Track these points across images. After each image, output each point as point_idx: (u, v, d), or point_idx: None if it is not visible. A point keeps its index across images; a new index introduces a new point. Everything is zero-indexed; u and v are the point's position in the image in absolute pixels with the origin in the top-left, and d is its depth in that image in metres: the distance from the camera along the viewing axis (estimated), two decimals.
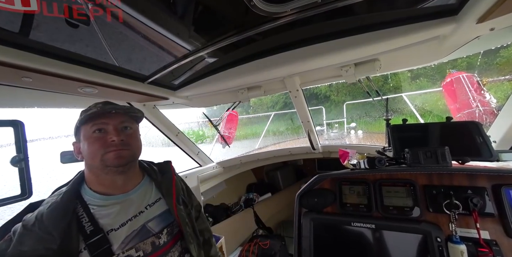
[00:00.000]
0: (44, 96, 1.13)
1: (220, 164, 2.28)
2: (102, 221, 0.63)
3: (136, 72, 1.19)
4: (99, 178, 0.68)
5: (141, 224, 0.68)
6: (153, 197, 0.75)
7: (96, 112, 0.65)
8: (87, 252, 0.58)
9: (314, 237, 0.85)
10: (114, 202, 0.67)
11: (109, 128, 0.66)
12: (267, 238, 2.15)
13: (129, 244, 0.64)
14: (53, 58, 0.90)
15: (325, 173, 0.91)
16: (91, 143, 0.65)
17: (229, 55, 1.29)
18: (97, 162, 0.64)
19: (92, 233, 0.60)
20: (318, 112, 5.00)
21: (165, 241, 0.71)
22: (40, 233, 0.54)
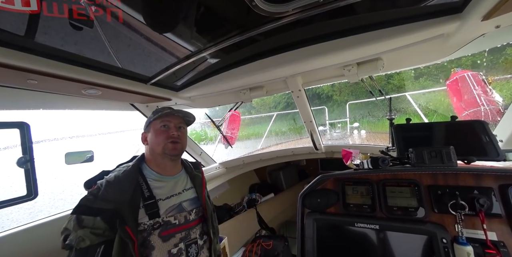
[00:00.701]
0: (49, 98, 1.15)
1: (222, 164, 2.28)
2: (156, 191, 0.84)
3: (139, 74, 1.20)
4: (156, 161, 0.90)
5: (179, 201, 0.89)
6: (188, 185, 0.97)
7: (165, 113, 0.89)
8: (144, 210, 0.78)
9: (317, 238, 0.84)
10: (164, 180, 0.89)
11: (171, 125, 0.91)
12: (270, 238, 2.15)
13: (170, 213, 0.84)
14: (58, 60, 0.91)
15: (328, 173, 0.90)
16: (158, 134, 0.88)
17: (231, 56, 1.29)
18: (160, 149, 0.87)
19: (148, 197, 0.81)
20: (321, 112, 4.98)
21: (193, 218, 0.90)
22: (118, 186, 0.77)
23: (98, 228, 0.70)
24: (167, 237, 0.80)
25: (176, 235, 0.83)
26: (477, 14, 0.75)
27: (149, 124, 0.92)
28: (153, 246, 0.77)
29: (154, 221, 0.79)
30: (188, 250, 0.84)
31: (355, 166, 0.92)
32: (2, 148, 1.09)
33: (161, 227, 0.80)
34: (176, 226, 0.84)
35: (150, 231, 0.77)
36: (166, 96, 1.37)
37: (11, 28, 0.76)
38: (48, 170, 0.99)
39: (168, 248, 0.79)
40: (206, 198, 0.99)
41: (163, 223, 0.80)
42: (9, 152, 0.98)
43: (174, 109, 0.93)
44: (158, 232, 0.79)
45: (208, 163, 2.17)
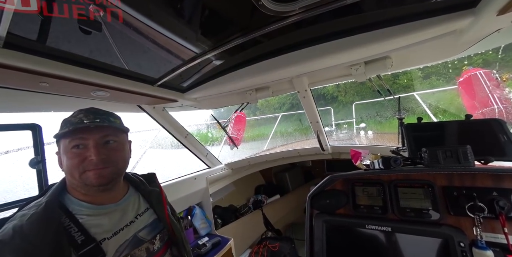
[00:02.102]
0: (59, 101, 1.17)
1: (228, 165, 2.27)
2: (94, 230, 0.61)
3: (146, 75, 1.21)
4: (82, 192, 0.64)
5: (132, 233, 0.68)
6: (142, 207, 0.75)
7: (74, 128, 0.60)
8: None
9: (326, 240, 0.82)
10: (104, 212, 0.65)
11: (89, 143, 0.61)
12: (276, 240, 2.13)
13: (124, 252, 0.63)
14: (68, 63, 0.92)
15: (337, 174, 0.88)
16: (69, 159, 0.60)
17: (237, 57, 1.29)
18: (77, 180, 0.61)
19: (84, 243, 0.57)
20: (327, 112, 4.93)
21: (158, 247, 0.71)
22: (23, 245, 0.49)
23: None
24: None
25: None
26: (492, 8, 0.72)
27: (59, 142, 0.64)
28: None
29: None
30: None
31: (365, 166, 0.90)
32: (15, 149, 1.11)
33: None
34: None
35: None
36: (172, 97, 1.38)
37: (24, 33, 0.78)
38: (59, 171, 1.00)
39: None
40: (170, 217, 0.78)
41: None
42: (22, 153, 1.00)
43: (91, 115, 0.64)
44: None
45: (214, 164, 2.17)
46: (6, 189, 1.11)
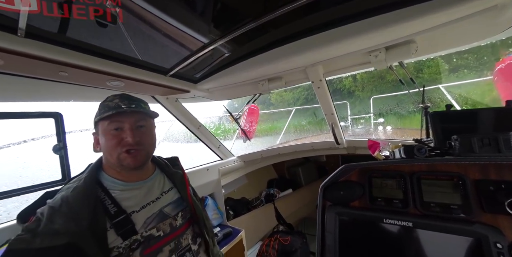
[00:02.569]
0: (78, 90, 1.22)
1: (240, 158, 2.27)
2: (124, 203, 0.68)
3: (158, 65, 1.21)
4: (115, 169, 0.72)
5: (158, 208, 0.74)
6: (166, 186, 0.82)
7: (115, 112, 0.67)
8: (113, 230, 0.63)
9: (339, 233, 0.78)
10: (133, 188, 0.72)
11: (125, 126, 0.69)
12: (288, 234, 2.11)
13: (150, 225, 0.70)
14: (85, 53, 0.95)
15: (353, 164, 0.82)
16: (108, 140, 0.68)
17: (248, 45, 1.25)
18: (114, 159, 0.68)
19: (116, 214, 0.65)
20: (342, 107, 4.74)
21: (180, 223, 0.77)
22: (69, 212, 0.58)
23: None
24: (152, 254, 0.67)
25: (163, 248, 0.69)
26: None
27: (98, 123, 0.71)
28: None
29: (131, 240, 0.63)
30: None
31: (384, 157, 0.84)
32: (41, 137, 1.19)
33: (142, 245, 0.65)
34: (161, 238, 0.70)
35: (127, 254, 0.62)
36: (185, 88, 1.38)
37: (46, 24, 0.79)
38: (79, 157, 1.07)
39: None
40: (192, 196, 0.85)
41: (144, 239, 0.66)
42: (48, 141, 1.07)
43: (126, 100, 0.71)
44: (139, 253, 0.64)
45: (226, 156, 2.18)
46: (33, 172, 1.19)
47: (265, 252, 1.96)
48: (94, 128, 0.73)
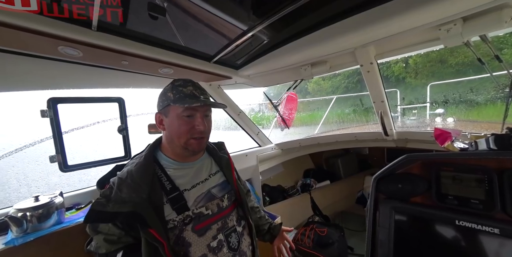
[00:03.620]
0: (136, 78, 1.36)
1: (278, 146, 2.26)
2: (178, 181, 0.73)
3: (203, 52, 1.25)
4: (175, 151, 0.77)
5: (207, 189, 0.78)
6: (214, 169, 0.86)
7: (190, 98, 0.71)
8: (169, 205, 0.69)
9: (395, 229, 0.71)
10: (186, 168, 0.78)
11: (197, 115, 0.73)
12: (324, 225, 2.07)
13: (200, 203, 0.74)
14: (142, 42, 1.03)
15: (417, 154, 0.71)
16: (181, 125, 0.71)
17: (291, 27, 1.18)
18: (182, 142, 0.73)
19: (171, 190, 0.70)
20: (391, 95, 4.21)
21: (226, 205, 0.80)
22: (132, 184, 0.65)
23: (112, 235, 0.64)
24: (202, 230, 0.71)
25: (212, 226, 0.73)
26: None
27: (167, 107, 0.73)
28: (189, 243, 0.68)
29: (184, 215, 0.69)
30: (229, 240, 0.76)
31: (458, 149, 0.71)
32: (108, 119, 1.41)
33: (193, 221, 0.70)
34: (210, 216, 0.74)
35: (181, 228, 0.68)
36: (226, 74, 1.41)
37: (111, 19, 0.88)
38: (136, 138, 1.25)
39: (206, 242, 0.71)
40: (237, 181, 0.87)
41: (195, 216, 0.71)
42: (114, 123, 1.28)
43: (198, 90, 0.75)
44: (191, 227, 0.69)
45: (264, 143, 2.20)
46: (104, 149, 1.40)
47: (299, 241, 1.97)
48: (162, 108, 0.74)
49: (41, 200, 1.00)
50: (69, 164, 1.12)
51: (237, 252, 0.76)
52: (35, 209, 0.96)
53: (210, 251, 0.70)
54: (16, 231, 0.93)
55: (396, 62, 10.96)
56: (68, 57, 0.98)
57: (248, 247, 0.83)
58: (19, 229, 0.93)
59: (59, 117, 1.08)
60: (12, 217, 0.92)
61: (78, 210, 1.16)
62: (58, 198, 1.06)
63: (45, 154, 1.09)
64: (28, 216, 0.95)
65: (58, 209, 1.03)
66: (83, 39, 0.85)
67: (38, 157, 1.28)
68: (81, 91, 1.33)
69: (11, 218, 0.92)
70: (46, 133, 1.12)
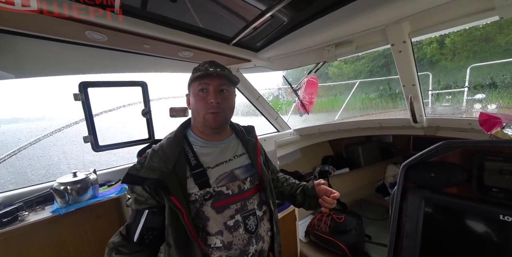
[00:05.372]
0: (157, 62, 1.38)
1: (297, 131, 2.23)
2: (202, 158, 0.77)
3: (222, 34, 1.22)
4: (200, 129, 0.81)
5: (230, 169, 0.79)
6: (239, 151, 0.86)
7: (201, 74, 0.74)
8: (192, 179, 0.73)
9: (424, 220, 0.67)
10: (211, 146, 0.81)
11: (210, 89, 0.75)
12: (342, 212, 2.07)
13: (221, 182, 0.76)
14: (163, 25, 1.02)
15: (457, 140, 0.64)
16: (197, 101, 0.76)
17: (313, 5, 1.08)
18: (201, 118, 0.77)
19: (196, 166, 0.74)
20: (423, 80, 3.82)
21: (248, 188, 0.81)
22: (162, 155, 0.72)
23: (142, 196, 0.71)
24: (221, 208, 0.73)
25: (230, 206, 0.75)
26: None
27: (190, 85, 0.79)
28: (207, 217, 0.72)
29: (205, 191, 0.72)
30: (246, 222, 0.76)
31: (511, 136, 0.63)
32: (133, 103, 1.50)
33: (213, 198, 0.73)
34: (230, 196, 0.75)
35: (202, 202, 0.72)
36: (246, 57, 1.38)
37: (132, 2, 0.87)
38: (159, 121, 1.31)
39: (224, 220, 0.73)
40: (262, 165, 0.87)
41: (215, 193, 0.73)
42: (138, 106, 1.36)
43: (214, 66, 0.77)
44: (210, 203, 0.72)
45: (283, 128, 2.18)
46: (130, 131, 1.48)
47: (316, 226, 1.99)
48: (188, 89, 0.82)
49: (79, 176, 1.11)
50: (100, 144, 1.21)
51: (254, 235, 0.77)
52: (74, 184, 1.07)
53: (226, 228, 0.73)
54: (60, 202, 1.06)
55: (430, 43, 9.83)
56: (94, 42, 1.01)
57: (267, 232, 0.83)
58: (62, 200, 1.05)
59: (90, 100, 1.15)
60: (56, 189, 1.04)
61: (109, 186, 1.28)
62: (92, 175, 1.16)
63: (80, 135, 1.19)
64: (69, 190, 1.06)
65: (92, 185, 1.14)
66: (108, 23, 0.86)
67: (75, 137, 1.39)
68: (108, 75, 1.38)
69: (56, 191, 1.04)
70: (79, 115, 1.21)
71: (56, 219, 1.01)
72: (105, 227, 1.14)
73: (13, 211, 0.97)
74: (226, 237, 0.72)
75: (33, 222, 0.96)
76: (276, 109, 2.06)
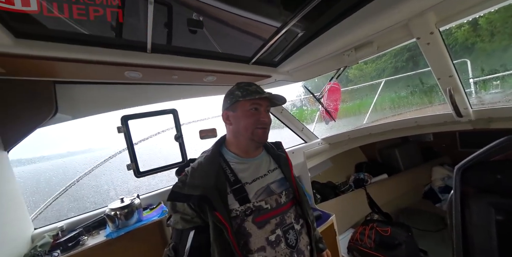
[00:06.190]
0: (185, 89, 1.49)
1: (325, 140, 2.15)
2: (240, 174, 0.79)
3: (241, 55, 1.28)
4: (240, 144, 0.83)
5: (266, 184, 0.81)
6: (272, 166, 0.88)
7: (256, 94, 0.79)
8: (232, 195, 0.74)
9: (499, 232, 0.58)
10: (247, 162, 0.83)
11: (262, 109, 0.81)
12: (387, 224, 1.88)
13: (260, 197, 0.77)
14: (187, 56, 1.12)
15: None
16: (247, 117, 0.79)
17: (326, 14, 1.08)
18: (248, 133, 0.79)
19: (234, 182, 0.76)
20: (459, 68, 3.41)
21: (285, 201, 0.81)
22: (202, 172, 0.74)
23: (187, 215, 0.72)
24: (262, 223, 0.73)
25: (270, 220, 0.75)
26: None
27: (236, 103, 0.81)
28: (249, 233, 0.72)
29: (245, 206, 0.73)
30: (287, 237, 0.76)
31: None
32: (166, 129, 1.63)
33: (254, 213, 0.73)
34: (269, 211, 0.76)
35: (243, 218, 0.72)
36: (266, 73, 1.41)
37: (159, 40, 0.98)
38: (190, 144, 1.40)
39: (265, 235, 0.73)
40: (296, 179, 0.89)
41: (255, 208, 0.74)
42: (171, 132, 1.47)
43: (260, 88, 0.83)
44: (251, 219, 0.73)
45: (310, 139, 2.13)
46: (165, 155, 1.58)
47: (359, 241, 1.83)
48: (228, 106, 0.83)
49: (125, 202, 1.20)
50: (141, 170, 1.31)
51: (295, 250, 0.76)
52: (122, 209, 1.16)
53: (268, 244, 0.72)
54: (112, 226, 1.14)
55: (460, 26, 8.99)
56: (131, 80, 1.14)
57: (306, 246, 0.82)
58: (113, 225, 1.14)
59: (130, 131, 1.27)
60: (108, 215, 1.14)
61: (151, 210, 1.35)
62: (136, 199, 1.25)
63: (123, 162, 1.30)
64: (118, 215, 1.15)
65: (137, 209, 1.22)
66: (142, 62, 0.97)
67: (119, 165, 1.53)
68: (142, 107, 1.52)
69: (108, 216, 1.14)
70: (120, 143, 1.33)
71: (109, 243, 1.10)
72: (150, 249, 1.19)
73: (75, 236, 1.08)
74: (269, 253, 0.71)
75: (92, 246, 1.06)
76: (300, 119, 2.04)
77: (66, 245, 1.04)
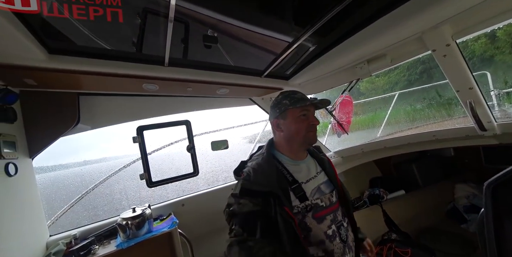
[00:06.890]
0: (198, 101, 1.53)
1: (338, 153, 2.09)
2: (296, 175, 0.83)
3: (254, 68, 1.31)
4: (292, 148, 0.88)
5: (317, 184, 0.86)
6: (318, 168, 0.93)
7: (303, 101, 0.84)
8: (292, 193, 0.79)
9: None
10: (298, 164, 0.88)
11: (310, 114, 0.87)
12: (406, 245, 1.74)
13: (315, 195, 0.83)
14: (201, 69, 1.16)
15: None
16: (299, 122, 0.85)
17: (338, 29, 1.10)
18: (300, 137, 0.85)
19: (292, 182, 0.81)
20: (479, 80, 3.26)
21: (335, 201, 0.86)
22: (263, 172, 0.79)
23: (257, 199, 0.75)
24: (320, 219, 0.79)
25: (326, 217, 0.81)
26: None
27: (286, 111, 0.86)
28: (309, 228, 0.78)
29: (305, 203, 0.79)
30: (340, 232, 0.82)
31: None
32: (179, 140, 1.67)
33: (312, 210, 0.79)
34: (324, 208, 0.82)
35: (304, 214, 0.78)
36: (278, 86, 1.43)
37: (176, 54, 1.03)
38: (202, 155, 1.41)
39: (324, 229, 0.79)
40: (340, 180, 0.94)
41: (313, 205, 0.80)
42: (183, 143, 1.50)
43: (305, 95, 0.89)
44: (311, 214, 0.79)
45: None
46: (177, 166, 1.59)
47: None
48: (278, 114, 0.88)
49: (137, 211, 1.20)
50: (153, 180, 1.33)
51: (346, 244, 0.82)
52: (133, 219, 1.16)
53: (327, 237, 0.77)
54: (123, 236, 1.14)
55: (476, 39, 8.80)
56: (148, 92, 1.19)
57: (352, 242, 0.87)
58: (124, 235, 1.14)
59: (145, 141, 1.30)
60: (120, 224, 1.14)
61: (161, 221, 1.34)
62: (148, 210, 1.25)
63: (136, 173, 1.33)
64: (129, 224, 1.15)
65: (148, 219, 1.21)
66: (159, 75, 1.02)
67: (132, 175, 1.56)
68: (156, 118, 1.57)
69: (120, 226, 1.14)
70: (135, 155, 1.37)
71: (120, 253, 1.09)
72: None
73: (87, 245, 1.09)
74: (328, 246, 0.77)
75: (102, 256, 1.06)
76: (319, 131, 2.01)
77: (78, 253, 1.05)
